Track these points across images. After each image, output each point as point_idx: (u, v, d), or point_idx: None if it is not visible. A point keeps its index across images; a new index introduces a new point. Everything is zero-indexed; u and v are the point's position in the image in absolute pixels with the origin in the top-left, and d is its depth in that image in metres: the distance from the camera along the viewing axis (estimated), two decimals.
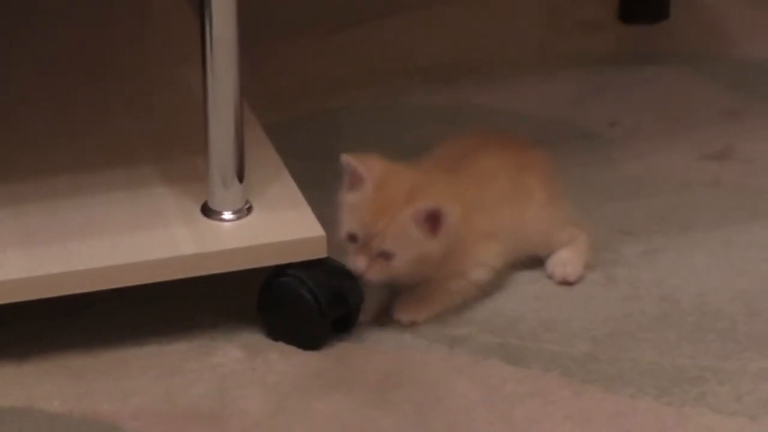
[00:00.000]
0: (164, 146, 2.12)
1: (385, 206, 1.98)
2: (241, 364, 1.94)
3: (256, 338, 1.97)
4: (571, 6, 2.75)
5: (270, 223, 1.98)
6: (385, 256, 1.97)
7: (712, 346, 1.95)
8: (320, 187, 2.12)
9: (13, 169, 2.06)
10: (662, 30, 2.67)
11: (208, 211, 1.97)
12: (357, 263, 2.00)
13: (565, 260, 2.13)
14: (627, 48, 2.65)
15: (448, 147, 2.16)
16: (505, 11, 2.75)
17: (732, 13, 2.73)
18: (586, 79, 2.56)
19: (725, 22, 2.72)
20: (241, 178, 1.97)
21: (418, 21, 2.71)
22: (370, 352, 1.97)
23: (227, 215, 1.96)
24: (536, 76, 2.56)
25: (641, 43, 2.66)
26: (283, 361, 1.95)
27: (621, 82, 2.55)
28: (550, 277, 2.12)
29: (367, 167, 2.01)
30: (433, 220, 1.97)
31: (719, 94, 2.50)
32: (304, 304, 1.95)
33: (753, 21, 2.71)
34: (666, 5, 2.69)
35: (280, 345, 1.96)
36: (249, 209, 1.98)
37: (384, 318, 2.03)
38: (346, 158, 2.00)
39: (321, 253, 1.96)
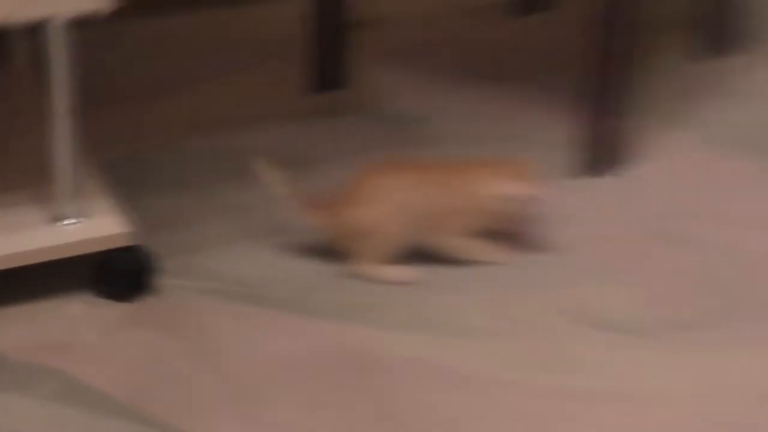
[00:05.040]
0: (30, 177, 2.21)
1: None
2: (83, 313, 2.16)
3: (91, 297, 2.17)
4: (288, 79, 2.76)
5: (98, 225, 2.15)
6: None
7: None
8: (138, 202, 2.32)
9: None
10: (341, 95, 2.75)
11: (57, 219, 2.15)
12: None
13: None
14: (320, 108, 2.70)
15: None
16: (254, 88, 2.74)
17: (387, 83, 2.78)
18: (300, 128, 2.62)
19: (383, 88, 2.76)
20: (77, 197, 2.14)
21: (208, 91, 2.75)
22: (163, 302, 2.18)
23: (70, 221, 2.15)
24: (270, 127, 2.61)
25: (330, 103, 2.72)
26: (107, 308, 2.17)
27: (320, 129, 2.62)
28: None
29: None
30: None
31: (383, 135, 2.61)
32: (121, 274, 2.17)
33: (402, 86, 2.78)
34: (342, 76, 2.75)
35: (108, 301, 2.18)
36: (84, 217, 2.15)
37: None
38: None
39: (132, 242, 2.15)
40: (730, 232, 2.41)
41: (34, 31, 2.09)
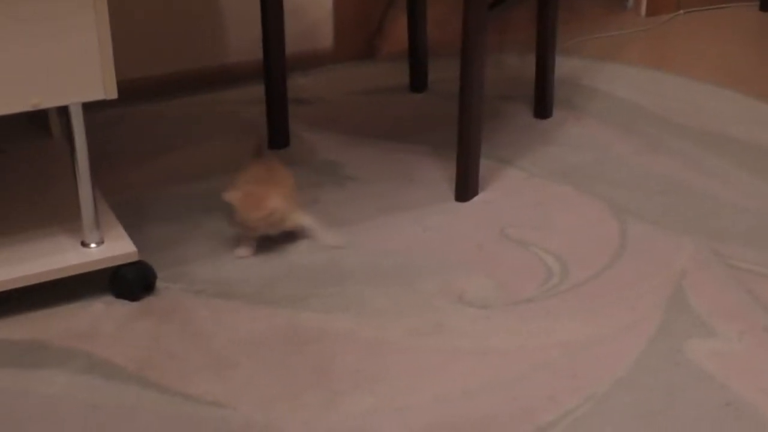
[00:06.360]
0: (65, 216, 2.18)
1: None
2: (103, 310, 2.12)
3: (109, 298, 2.14)
4: (248, 142, 2.60)
5: (113, 247, 2.13)
6: None
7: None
8: (141, 231, 2.30)
9: None
10: (287, 151, 2.68)
11: (84, 244, 2.13)
12: None
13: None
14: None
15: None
16: (223, 148, 2.67)
17: (317, 141, 2.73)
18: None
19: (314, 145, 2.71)
20: (97, 228, 2.12)
21: (190, 153, 2.65)
22: (161, 300, 2.15)
23: (93, 245, 2.12)
24: (235, 175, 2.40)
25: (279, 156, 2.57)
26: (120, 306, 2.13)
27: None
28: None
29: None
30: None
31: (315, 177, 2.54)
32: (128, 281, 2.13)
33: (327, 144, 2.71)
34: (287, 138, 2.69)
35: (120, 300, 2.13)
36: (102, 242, 2.13)
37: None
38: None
39: (134, 258, 2.12)
40: (552, 235, 2.39)
41: (65, 111, 2.05)
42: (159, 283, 2.19)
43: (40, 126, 2.54)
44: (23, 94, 1.94)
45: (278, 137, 2.72)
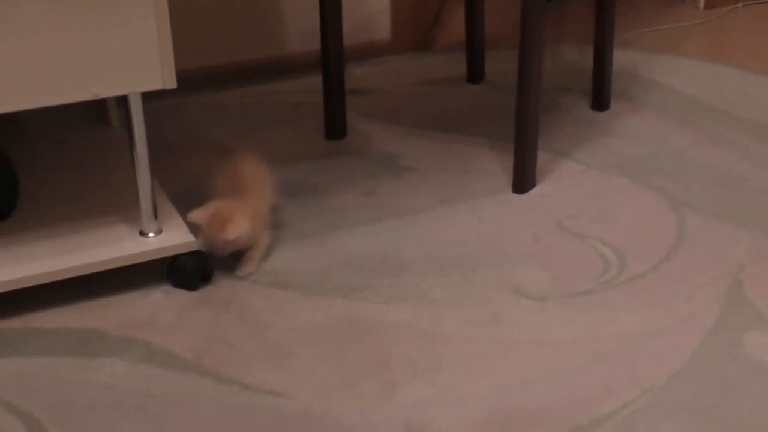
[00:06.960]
0: (124, 206, 2.19)
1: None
2: (161, 299, 2.12)
3: (167, 287, 2.14)
4: (306, 132, 2.72)
5: (171, 237, 2.12)
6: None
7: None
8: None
9: (43, 222, 2.16)
10: (343, 142, 2.69)
11: (142, 234, 2.13)
12: None
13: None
14: (329, 151, 2.64)
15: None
16: (282, 138, 2.68)
17: (374, 133, 2.74)
18: (316, 165, 2.55)
19: (371, 136, 2.73)
20: (155, 218, 2.12)
21: (248, 142, 2.52)
22: (218, 289, 2.14)
23: (151, 235, 2.13)
24: (295, 164, 2.53)
25: (336, 147, 2.65)
26: (178, 295, 2.13)
27: (329, 166, 2.55)
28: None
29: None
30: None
31: (371, 168, 2.55)
32: (186, 270, 2.12)
33: (384, 135, 2.72)
34: (344, 128, 2.69)
35: (178, 290, 2.14)
36: (160, 231, 2.13)
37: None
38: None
39: (194, 248, 2.12)
40: (609, 227, 2.37)
41: (124, 101, 2.05)
42: (216, 273, 2.18)
43: (99, 116, 2.55)
44: (84, 83, 1.93)
45: (336, 128, 2.72)
